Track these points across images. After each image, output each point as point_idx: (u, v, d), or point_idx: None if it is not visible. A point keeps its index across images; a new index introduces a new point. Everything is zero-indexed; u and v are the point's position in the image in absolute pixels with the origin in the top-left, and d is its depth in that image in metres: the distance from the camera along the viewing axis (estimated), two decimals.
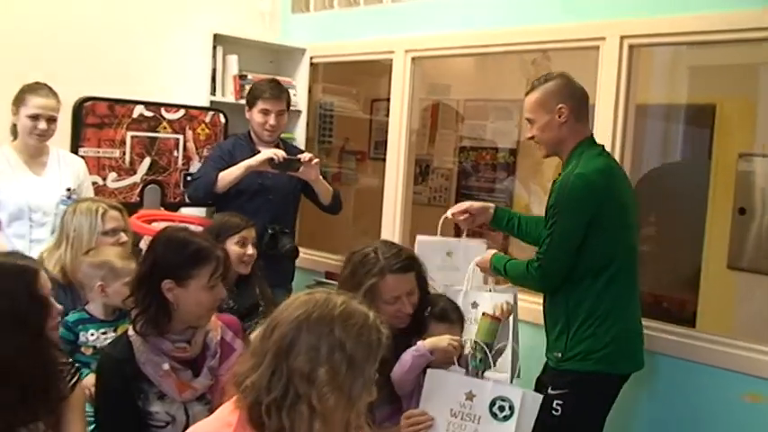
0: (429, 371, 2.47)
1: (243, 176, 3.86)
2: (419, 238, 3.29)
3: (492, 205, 3.33)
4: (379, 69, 4.93)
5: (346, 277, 2.63)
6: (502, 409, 2.43)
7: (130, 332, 2.36)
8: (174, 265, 2.34)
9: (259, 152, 3.93)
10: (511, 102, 5.10)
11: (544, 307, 3.03)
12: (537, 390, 2.85)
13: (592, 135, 3.03)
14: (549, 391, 2.84)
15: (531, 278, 2.91)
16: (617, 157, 3.37)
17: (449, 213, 3.27)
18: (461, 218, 3.26)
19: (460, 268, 3.13)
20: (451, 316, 2.68)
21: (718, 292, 4.36)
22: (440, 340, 2.49)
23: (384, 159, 4.58)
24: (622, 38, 3.44)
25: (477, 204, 3.30)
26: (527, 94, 3.02)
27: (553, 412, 2.82)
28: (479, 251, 3.16)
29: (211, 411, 2.09)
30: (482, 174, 5.37)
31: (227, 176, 3.87)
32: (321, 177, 3.96)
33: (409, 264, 2.63)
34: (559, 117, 2.92)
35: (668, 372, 3.29)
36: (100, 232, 3.04)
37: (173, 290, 2.31)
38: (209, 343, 2.43)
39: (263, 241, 3.76)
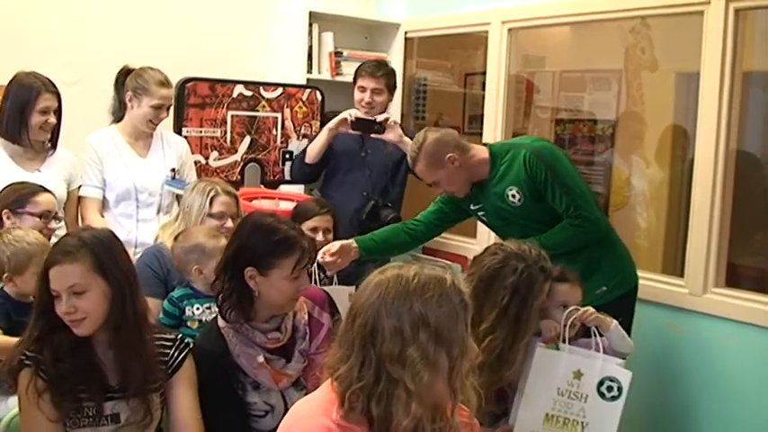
0: (538, 349, 2.47)
1: (327, 141, 3.96)
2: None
3: (351, 241, 3.26)
4: (474, 42, 4.87)
5: (486, 292, 2.51)
6: (610, 389, 2.42)
7: (221, 322, 2.37)
8: (259, 252, 2.30)
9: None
10: (610, 72, 4.97)
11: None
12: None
13: (484, 143, 3.29)
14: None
15: (580, 232, 3.03)
16: (723, 126, 3.30)
17: (319, 259, 3.07)
18: (329, 260, 3.12)
19: None
20: (570, 276, 2.67)
21: None
22: (548, 328, 2.51)
23: (479, 134, 4.54)
24: (728, 1, 3.31)
25: (339, 244, 3.18)
26: (413, 166, 3.19)
27: None
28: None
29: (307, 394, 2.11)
30: (580, 146, 5.25)
31: (314, 145, 4.01)
32: (408, 140, 3.87)
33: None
34: (453, 164, 3.08)
35: None
36: (206, 213, 3.10)
37: (254, 278, 2.29)
38: (297, 325, 2.41)
39: (363, 213, 3.81)
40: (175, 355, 2.21)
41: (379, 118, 3.89)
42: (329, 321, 2.44)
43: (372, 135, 3.92)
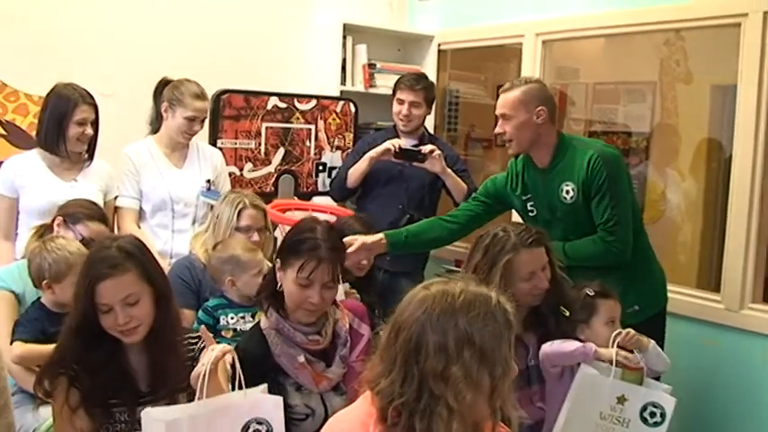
0: (582, 372, 2.45)
1: (368, 168, 3.94)
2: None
3: (381, 235, 3.17)
4: (507, 54, 4.87)
5: (479, 261, 2.65)
6: (653, 414, 2.41)
7: (263, 324, 2.41)
8: (283, 246, 2.42)
9: None
10: (644, 84, 4.94)
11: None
12: None
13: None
14: None
15: (609, 251, 2.98)
16: (761, 139, 3.29)
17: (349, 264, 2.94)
18: (362, 256, 3.06)
19: None
20: (612, 292, 2.67)
21: None
22: (609, 354, 2.47)
23: None
24: (766, 13, 3.28)
25: (369, 239, 3.09)
26: (504, 91, 3.12)
27: None
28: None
29: (348, 401, 2.12)
30: None
31: (355, 171, 4.00)
32: (451, 172, 3.92)
33: (540, 238, 2.68)
34: (537, 118, 3.05)
35: None
36: (234, 227, 3.13)
37: (279, 270, 2.38)
38: (338, 332, 2.45)
39: (398, 226, 3.79)
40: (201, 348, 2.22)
41: (424, 149, 3.85)
42: (369, 333, 2.47)
43: (415, 164, 3.87)
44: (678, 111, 4.52)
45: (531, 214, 3.24)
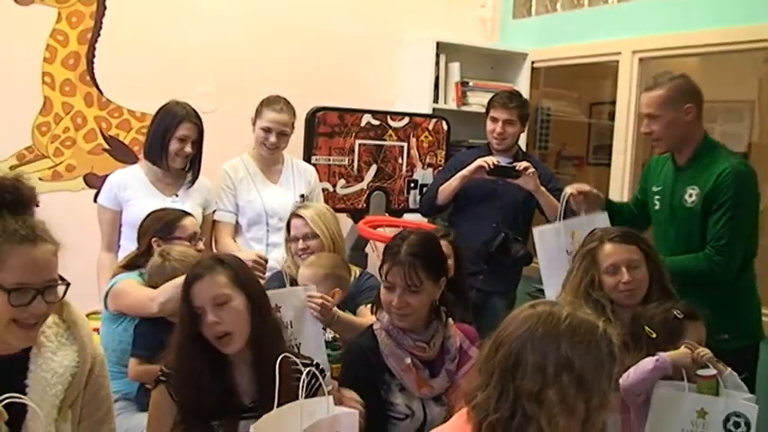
0: (657, 392, 2.38)
1: (459, 187, 3.89)
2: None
3: (603, 197, 3.37)
4: (601, 72, 4.82)
5: (575, 254, 2.75)
6: (737, 425, 2.32)
7: (375, 325, 2.48)
8: None
9: None
10: (741, 102, 4.82)
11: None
12: None
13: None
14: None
15: (711, 270, 2.93)
16: None
17: (572, 190, 3.26)
18: (579, 198, 3.24)
19: None
20: (699, 314, 2.55)
21: None
22: (683, 355, 2.39)
23: (604, 164, 4.48)
24: None
25: (594, 192, 3.30)
26: (649, 89, 3.07)
27: None
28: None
29: (449, 415, 2.13)
30: None
31: (446, 189, 3.94)
32: (545, 190, 3.84)
33: (631, 236, 2.68)
34: (686, 116, 2.99)
35: None
36: (287, 239, 3.22)
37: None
38: (449, 347, 2.49)
39: (493, 244, 3.78)
40: (312, 382, 2.18)
41: (519, 166, 3.79)
42: (477, 356, 2.46)
43: (509, 180, 3.81)
44: None
45: (654, 208, 3.21)
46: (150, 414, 2.18)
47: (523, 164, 3.79)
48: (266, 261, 2.92)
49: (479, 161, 3.80)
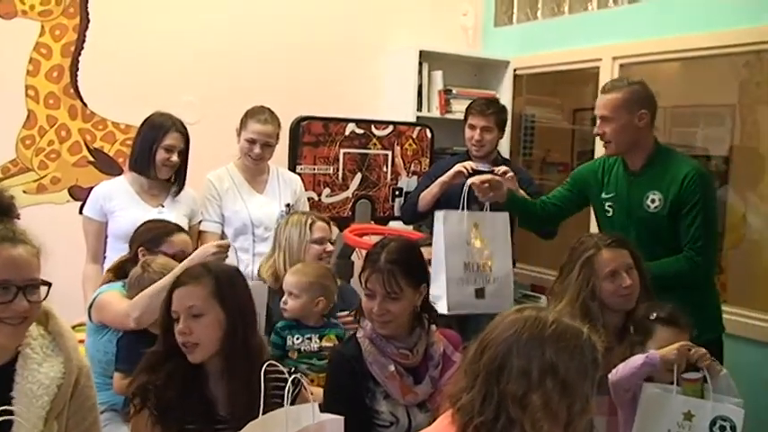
0: (645, 392, 2.41)
1: (439, 193, 3.92)
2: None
3: (505, 187, 3.37)
4: (583, 78, 4.86)
5: (564, 263, 2.72)
6: (723, 429, 2.34)
7: (359, 333, 2.49)
8: None
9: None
10: (722, 107, 4.86)
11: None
12: None
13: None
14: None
15: (695, 270, 2.97)
16: None
17: (474, 180, 3.30)
18: (483, 186, 3.27)
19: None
20: (680, 321, 2.56)
21: None
22: (671, 351, 2.38)
23: None
24: None
25: (496, 178, 3.35)
26: (605, 91, 3.10)
27: None
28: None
29: (432, 420, 2.15)
30: None
31: (427, 195, 3.97)
32: (524, 193, 3.82)
33: (622, 241, 2.71)
34: (639, 121, 3.03)
35: None
36: (309, 240, 3.19)
37: None
38: (432, 353, 2.50)
39: None
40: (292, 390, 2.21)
41: (498, 170, 3.79)
42: (459, 362, 2.48)
43: None
44: (760, 133, 4.45)
45: (607, 214, 3.22)
46: (133, 422, 2.17)
47: (502, 168, 3.81)
48: (227, 246, 2.93)
49: (458, 166, 3.83)
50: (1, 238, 1.83)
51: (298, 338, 2.88)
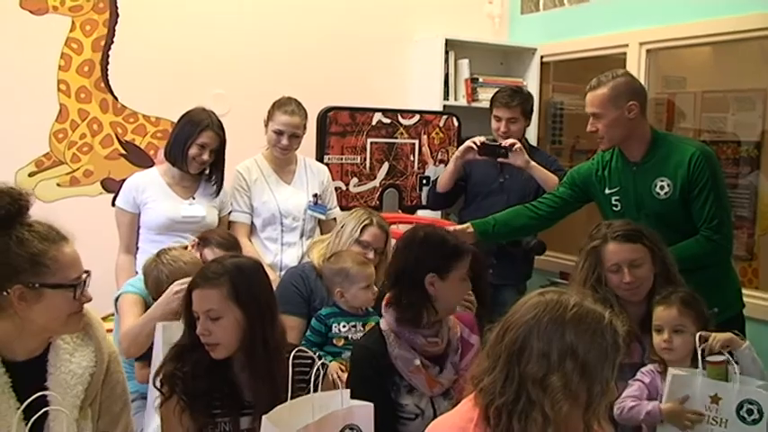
0: (672, 374, 2.41)
1: (455, 170, 3.98)
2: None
3: (468, 224, 3.41)
4: (611, 64, 4.80)
5: (582, 248, 2.76)
6: (750, 412, 2.34)
7: (383, 326, 2.48)
8: (438, 259, 2.45)
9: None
10: (754, 91, 4.81)
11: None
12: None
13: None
14: None
15: (716, 249, 2.99)
16: None
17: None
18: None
19: None
20: (696, 303, 2.54)
21: None
22: (679, 415, 2.38)
23: None
24: None
25: (458, 227, 3.38)
26: (592, 89, 3.11)
27: None
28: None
29: (454, 407, 2.16)
30: (723, 168, 5.07)
31: (444, 175, 4.05)
32: (536, 164, 3.85)
33: (634, 234, 2.69)
34: (629, 113, 3.03)
35: None
36: (355, 239, 3.18)
37: (434, 283, 2.42)
38: (451, 339, 2.51)
39: None
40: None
41: (505, 143, 3.85)
42: (478, 343, 2.51)
43: (499, 159, 3.87)
44: None
45: (614, 209, 3.21)
46: (162, 408, 2.21)
47: (510, 141, 3.83)
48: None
49: (468, 142, 3.86)
50: (53, 239, 1.89)
51: (344, 326, 2.91)
